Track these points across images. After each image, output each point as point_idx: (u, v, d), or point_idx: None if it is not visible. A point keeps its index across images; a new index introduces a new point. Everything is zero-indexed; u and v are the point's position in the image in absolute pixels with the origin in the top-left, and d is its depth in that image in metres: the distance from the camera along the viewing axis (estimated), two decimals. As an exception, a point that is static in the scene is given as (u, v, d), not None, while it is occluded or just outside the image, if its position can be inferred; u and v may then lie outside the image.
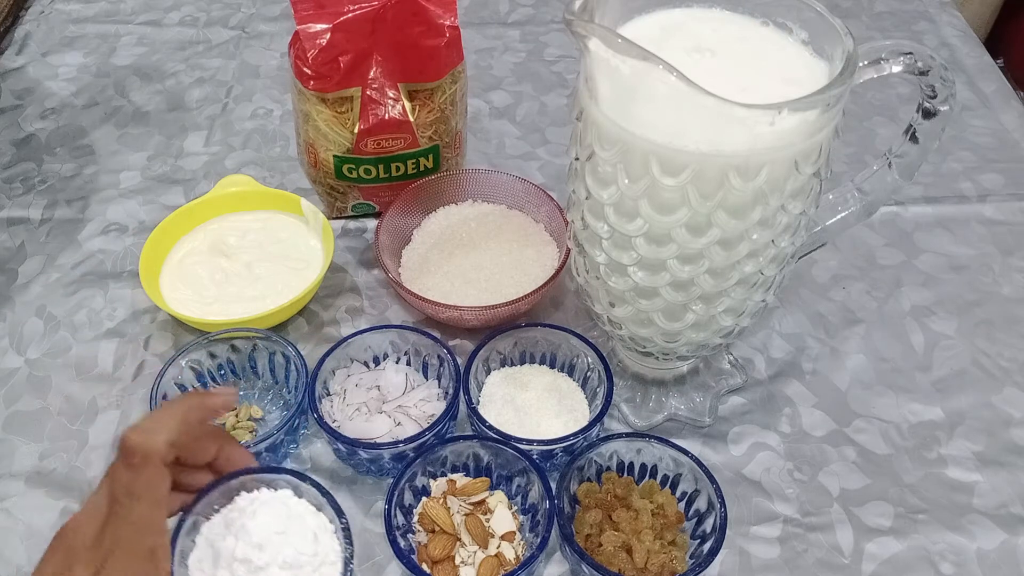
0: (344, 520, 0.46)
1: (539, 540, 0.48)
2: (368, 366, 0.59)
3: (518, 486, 0.52)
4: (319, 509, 0.47)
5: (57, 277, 0.67)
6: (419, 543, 0.50)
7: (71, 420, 0.58)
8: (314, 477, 0.48)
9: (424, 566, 0.48)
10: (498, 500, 0.52)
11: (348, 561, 0.45)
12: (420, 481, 0.52)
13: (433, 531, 0.50)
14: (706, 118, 0.39)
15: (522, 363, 0.59)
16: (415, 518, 0.51)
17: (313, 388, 0.55)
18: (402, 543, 0.48)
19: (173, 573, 0.43)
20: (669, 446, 0.52)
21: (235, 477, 0.47)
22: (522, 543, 0.50)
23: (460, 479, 0.52)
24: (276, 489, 0.47)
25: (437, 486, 0.52)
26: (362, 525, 0.53)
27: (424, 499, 0.52)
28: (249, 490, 0.47)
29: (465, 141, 0.71)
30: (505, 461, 0.52)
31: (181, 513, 0.45)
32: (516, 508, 0.52)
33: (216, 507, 0.46)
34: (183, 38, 0.90)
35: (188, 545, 0.45)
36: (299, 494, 0.47)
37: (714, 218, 0.42)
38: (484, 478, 0.52)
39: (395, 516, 0.49)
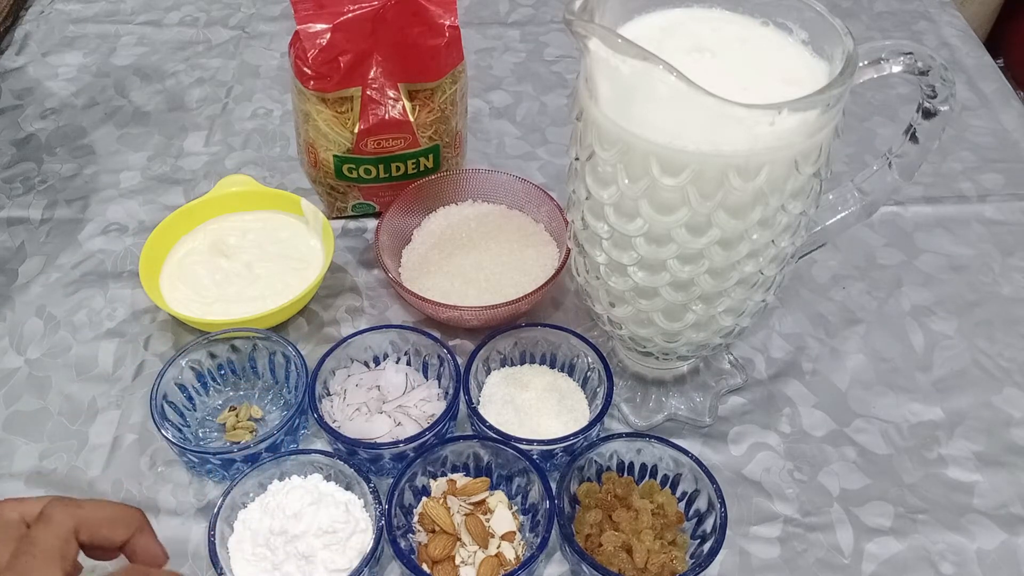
0: (372, 484, 0.50)
1: (539, 540, 0.48)
2: (368, 366, 0.59)
3: (518, 486, 0.52)
4: (348, 489, 0.51)
5: (57, 277, 0.67)
6: (419, 543, 0.50)
7: (71, 420, 0.58)
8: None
9: (424, 566, 0.48)
10: (498, 500, 0.52)
11: (379, 518, 0.49)
12: (420, 481, 0.52)
13: (433, 531, 0.50)
14: (706, 118, 0.39)
15: (522, 363, 0.59)
16: (415, 518, 0.51)
17: (313, 388, 0.55)
18: (402, 543, 0.48)
19: (215, 556, 0.47)
20: (669, 446, 0.52)
21: (271, 461, 0.51)
22: (522, 543, 0.50)
23: (460, 479, 0.52)
24: (306, 476, 0.51)
25: (437, 486, 0.52)
26: (362, 525, 0.53)
27: (424, 499, 0.52)
28: (281, 479, 0.51)
29: (465, 141, 0.71)
30: (505, 461, 0.52)
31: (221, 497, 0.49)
32: (516, 508, 0.52)
33: (252, 495, 0.51)
34: (183, 38, 0.90)
35: (226, 531, 0.49)
36: (328, 478, 0.51)
37: (714, 218, 0.42)
38: (484, 478, 0.52)
39: (395, 516, 0.49)
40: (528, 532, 0.51)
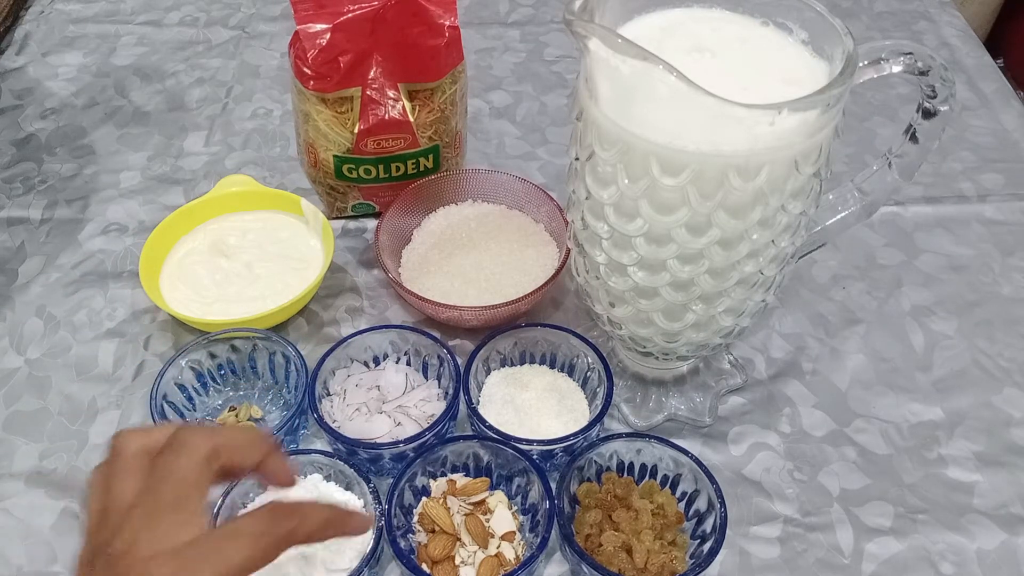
0: (372, 484, 0.50)
1: (539, 540, 0.48)
2: (368, 366, 0.59)
3: (518, 486, 0.52)
4: (348, 489, 0.51)
5: (57, 277, 0.67)
6: (419, 543, 0.50)
7: (71, 420, 0.58)
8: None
9: (424, 566, 0.48)
10: (498, 500, 0.52)
11: (378, 518, 0.49)
12: (420, 481, 0.52)
13: (433, 531, 0.50)
14: (706, 118, 0.39)
15: (522, 363, 0.59)
16: (415, 518, 0.51)
17: (313, 388, 0.55)
18: (402, 543, 0.49)
19: None
20: (669, 446, 0.52)
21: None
22: (522, 543, 0.50)
23: (460, 479, 0.52)
24: (306, 476, 0.51)
25: (437, 486, 0.52)
26: (362, 525, 0.53)
27: (424, 499, 0.52)
28: None
29: (465, 141, 0.71)
30: (505, 461, 0.52)
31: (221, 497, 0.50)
32: (516, 508, 0.52)
33: (251, 495, 0.51)
34: (183, 38, 0.90)
35: None
36: (328, 478, 0.52)
37: (714, 218, 0.42)
38: (484, 478, 0.52)
39: (395, 516, 0.49)
40: (528, 532, 0.51)
